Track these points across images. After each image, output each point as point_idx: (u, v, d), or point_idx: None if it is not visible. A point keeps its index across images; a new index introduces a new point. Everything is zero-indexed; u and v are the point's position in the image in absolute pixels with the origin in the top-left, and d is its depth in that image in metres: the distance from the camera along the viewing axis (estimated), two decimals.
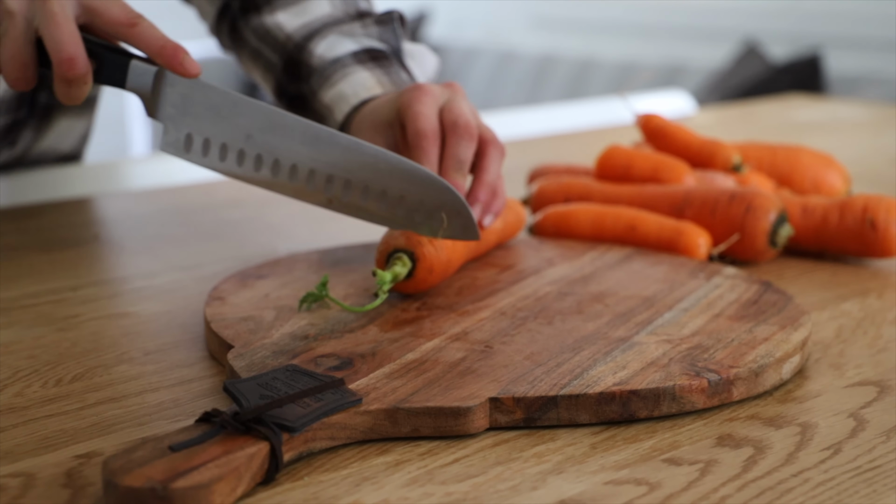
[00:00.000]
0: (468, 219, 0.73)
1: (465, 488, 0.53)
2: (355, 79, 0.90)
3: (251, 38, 0.98)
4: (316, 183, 0.75)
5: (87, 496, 0.52)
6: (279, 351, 0.66)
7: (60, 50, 0.72)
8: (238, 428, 0.53)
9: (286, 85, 0.95)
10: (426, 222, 0.73)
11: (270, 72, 0.96)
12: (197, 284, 0.85)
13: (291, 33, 0.95)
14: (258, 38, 0.97)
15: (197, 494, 0.49)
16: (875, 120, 1.73)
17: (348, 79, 0.90)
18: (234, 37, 1.00)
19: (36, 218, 1.06)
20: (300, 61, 0.93)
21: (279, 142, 0.74)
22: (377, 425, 0.58)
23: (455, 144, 0.77)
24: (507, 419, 0.60)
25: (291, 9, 0.97)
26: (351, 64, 0.91)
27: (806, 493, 0.53)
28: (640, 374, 0.63)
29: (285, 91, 0.95)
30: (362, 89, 0.89)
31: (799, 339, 0.68)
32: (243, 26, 0.99)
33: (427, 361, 0.64)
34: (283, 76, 0.95)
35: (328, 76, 0.91)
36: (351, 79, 0.90)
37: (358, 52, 0.92)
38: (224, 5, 1.02)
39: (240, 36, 0.99)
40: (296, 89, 0.94)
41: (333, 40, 0.93)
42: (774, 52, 3.16)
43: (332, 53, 0.92)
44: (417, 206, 0.73)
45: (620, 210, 0.93)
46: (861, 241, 0.90)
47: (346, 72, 0.90)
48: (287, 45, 0.95)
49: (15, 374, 0.67)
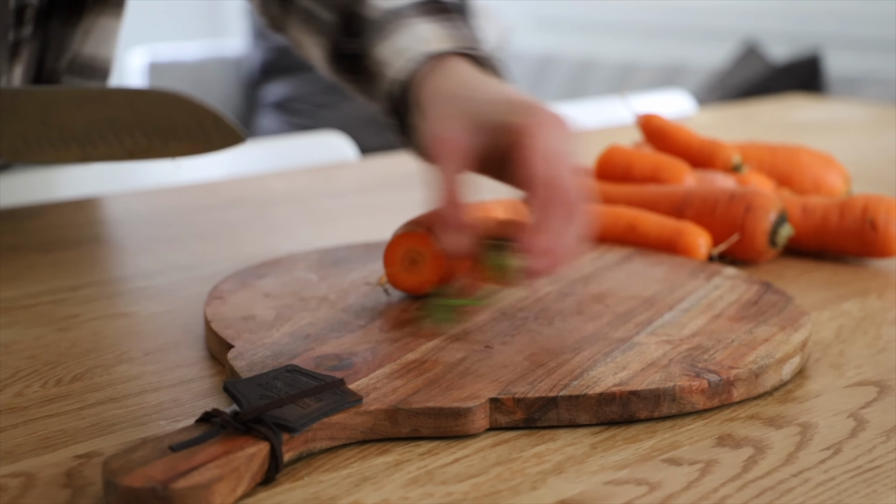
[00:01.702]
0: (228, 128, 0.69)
1: (465, 488, 0.53)
2: (416, 31, 0.79)
3: None
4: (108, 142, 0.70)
5: (87, 496, 0.52)
6: (279, 351, 0.66)
7: None
8: (238, 428, 0.53)
9: (343, 45, 0.84)
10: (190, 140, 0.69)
11: (323, 34, 0.86)
12: (197, 284, 0.85)
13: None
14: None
15: (197, 494, 0.49)
16: (875, 120, 1.73)
17: (407, 31, 0.79)
18: (281, 4, 0.90)
19: (36, 218, 1.06)
20: (357, 15, 0.83)
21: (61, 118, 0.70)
22: (377, 425, 0.58)
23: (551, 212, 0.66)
24: (507, 419, 0.60)
25: None
26: (411, 14, 0.80)
27: (806, 493, 0.53)
28: (640, 374, 0.63)
29: (343, 52, 0.84)
30: (423, 44, 0.77)
31: (799, 340, 0.68)
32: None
33: (427, 361, 0.64)
34: (339, 35, 0.84)
35: (383, 28, 0.80)
36: (410, 31, 0.79)
37: (420, 2, 0.81)
38: None
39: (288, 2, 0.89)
40: (352, 47, 0.83)
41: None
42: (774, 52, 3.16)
43: (391, 3, 0.81)
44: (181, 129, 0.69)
45: (620, 210, 0.93)
46: (861, 241, 0.90)
47: (405, 23, 0.79)
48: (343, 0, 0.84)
49: (15, 374, 0.67)
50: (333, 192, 1.22)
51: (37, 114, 0.71)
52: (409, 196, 1.19)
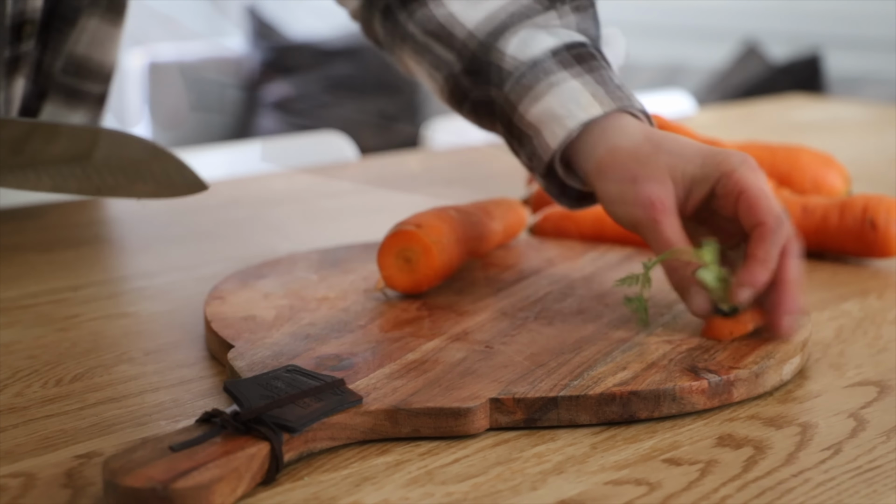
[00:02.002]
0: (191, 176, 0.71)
1: (465, 488, 0.53)
2: (565, 92, 0.77)
3: (416, 31, 0.84)
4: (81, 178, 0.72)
5: (87, 496, 0.52)
6: (280, 351, 0.66)
7: None
8: (238, 428, 0.53)
9: (469, 89, 0.82)
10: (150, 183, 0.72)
11: (441, 70, 0.84)
12: (197, 284, 0.85)
13: (473, 30, 0.81)
14: (426, 33, 0.83)
15: (197, 495, 0.49)
16: (875, 120, 1.73)
17: (555, 91, 0.77)
18: (392, 28, 0.87)
19: (36, 218, 1.06)
20: (489, 63, 0.80)
21: None
22: (378, 426, 0.58)
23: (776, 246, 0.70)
24: (507, 420, 0.60)
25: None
26: (554, 69, 0.78)
27: (806, 493, 0.53)
28: (640, 374, 0.63)
29: (467, 95, 0.82)
30: (577, 108, 0.76)
31: (799, 340, 0.68)
32: (405, 19, 0.85)
33: (427, 361, 0.64)
34: (463, 78, 0.82)
35: (529, 85, 0.78)
36: (559, 91, 0.77)
37: (558, 49, 0.79)
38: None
39: (399, 28, 0.86)
40: (483, 94, 0.81)
41: (526, 35, 0.79)
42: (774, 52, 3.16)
43: (527, 53, 0.79)
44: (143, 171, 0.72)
45: None
46: (861, 241, 0.90)
47: (551, 80, 0.77)
48: (469, 44, 0.81)
49: (15, 374, 0.67)
50: (333, 192, 1.22)
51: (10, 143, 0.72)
52: (409, 196, 1.19)
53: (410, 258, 0.75)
